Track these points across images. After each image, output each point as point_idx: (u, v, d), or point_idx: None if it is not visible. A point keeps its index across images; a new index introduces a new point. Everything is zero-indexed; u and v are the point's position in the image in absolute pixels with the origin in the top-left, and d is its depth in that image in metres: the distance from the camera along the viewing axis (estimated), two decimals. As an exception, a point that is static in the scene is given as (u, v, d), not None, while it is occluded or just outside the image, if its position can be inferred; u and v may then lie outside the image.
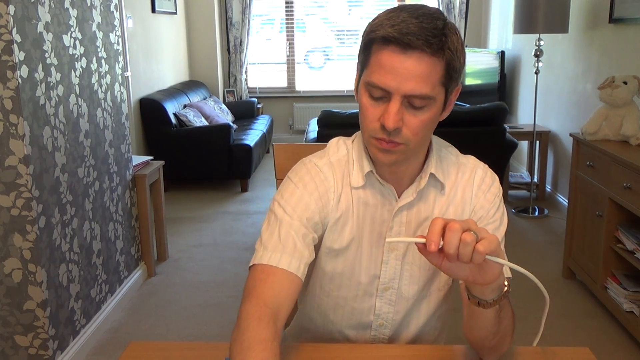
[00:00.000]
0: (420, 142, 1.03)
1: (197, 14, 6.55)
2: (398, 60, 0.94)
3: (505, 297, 0.97)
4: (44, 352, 2.26)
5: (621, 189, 2.61)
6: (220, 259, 3.65)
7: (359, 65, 1.04)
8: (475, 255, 0.83)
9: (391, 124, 0.96)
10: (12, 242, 2.15)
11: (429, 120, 1.00)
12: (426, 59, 0.94)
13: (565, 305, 2.97)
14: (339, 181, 1.13)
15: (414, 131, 0.99)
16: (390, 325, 1.20)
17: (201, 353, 1.15)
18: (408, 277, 1.16)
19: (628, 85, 2.90)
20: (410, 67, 0.94)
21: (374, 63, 0.97)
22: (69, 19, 2.46)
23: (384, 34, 0.95)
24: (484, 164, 1.20)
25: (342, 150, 1.17)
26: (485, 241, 0.84)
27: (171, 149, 4.96)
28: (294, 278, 1.03)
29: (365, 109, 1.01)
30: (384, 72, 0.96)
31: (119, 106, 3.01)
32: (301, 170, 1.15)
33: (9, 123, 2.06)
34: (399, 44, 0.94)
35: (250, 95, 7.02)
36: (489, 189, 1.16)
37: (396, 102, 0.96)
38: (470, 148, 4.69)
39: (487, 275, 0.89)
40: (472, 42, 6.64)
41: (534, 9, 4.00)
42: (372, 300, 1.18)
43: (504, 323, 1.02)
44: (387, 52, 0.96)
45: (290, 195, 1.11)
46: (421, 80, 0.95)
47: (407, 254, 1.15)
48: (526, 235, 3.99)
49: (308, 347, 1.17)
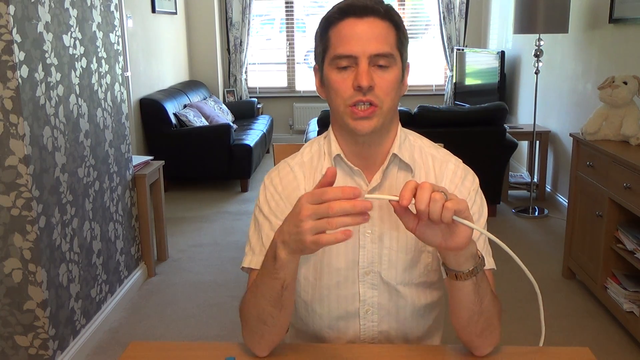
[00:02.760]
0: (391, 105, 1.09)
1: (197, 14, 6.55)
2: (357, 27, 1.06)
3: (480, 268, 1.00)
4: (44, 352, 2.26)
5: (621, 189, 2.61)
6: (220, 259, 3.65)
7: (320, 56, 1.12)
8: (444, 212, 0.88)
9: (364, 81, 1.04)
10: (12, 242, 2.16)
11: (394, 79, 1.08)
12: (379, 22, 1.07)
13: (565, 305, 2.98)
14: (309, 178, 1.19)
15: (385, 90, 1.07)
16: (377, 311, 1.20)
17: (201, 353, 1.15)
18: (387, 262, 1.17)
19: (628, 85, 2.90)
20: (368, 29, 1.05)
21: (335, 38, 1.07)
22: (69, 19, 2.46)
23: (339, 7, 1.08)
24: (456, 158, 1.22)
25: (315, 147, 1.23)
26: (454, 200, 0.89)
27: (171, 149, 4.96)
28: None
29: (336, 84, 1.08)
30: (347, 40, 1.06)
31: (119, 106, 3.02)
32: (273, 172, 1.22)
33: (9, 123, 2.06)
34: (354, 11, 1.06)
35: (250, 95, 7.02)
36: (462, 183, 1.17)
37: (364, 63, 1.05)
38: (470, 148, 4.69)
39: (457, 238, 0.93)
40: (472, 42, 6.64)
41: (534, 9, 4.00)
42: (356, 287, 1.19)
43: (485, 302, 1.04)
44: (344, 23, 1.07)
45: (264, 198, 1.19)
46: (381, 40, 1.06)
47: (384, 238, 1.16)
48: (526, 235, 3.99)
49: (307, 347, 1.17)
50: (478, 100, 5.46)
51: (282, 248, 0.96)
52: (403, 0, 6.82)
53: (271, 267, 1.00)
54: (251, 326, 1.09)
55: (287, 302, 1.05)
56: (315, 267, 1.19)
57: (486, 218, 1.17)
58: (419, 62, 6.95)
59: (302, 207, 0.89)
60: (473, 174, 1.21)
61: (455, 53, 6.30)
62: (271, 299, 1.03)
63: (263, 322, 1.06)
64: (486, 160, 4.06)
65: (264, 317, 1.06)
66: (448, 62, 6.63)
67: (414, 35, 6.98)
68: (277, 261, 0.98)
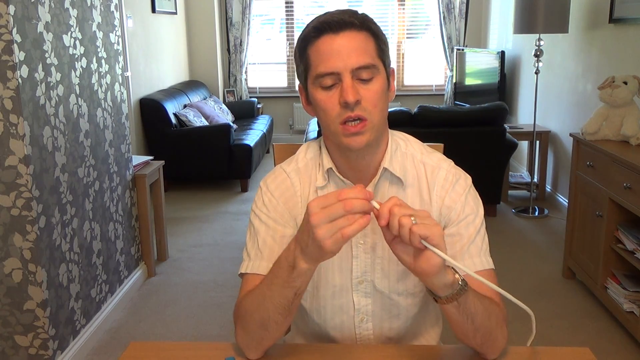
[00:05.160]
0: (380, 117, 1.08)
1: (197, 14, 6.55)
2: (334, 43, 1.04)
3: (460, 294, 0.98)
4: (44, 352, 2.26)
5: (621, 189, 2.61)
6: (220, 259, 3.65)
7: (302, 76, 1.11)
8: (411, 236, 0.89)
9: (351, 96, 1.02)
10: (12, 242, 2.15)
11: (380, 90, 1.06)
12: (356, 34, 1.05)
13: (565, 305, 2.98)
14: (305, 185, 1.19)
15: (372, 102, 1.05)
16: (371, 319, 1.20)
17: (201, 353, 1.15)
18: (380, 271, 1.18)
19: (628, 85, 2.90)
20: (346, 43, 1.04)
21: (315, 57, 1.06)
22: (69, 19, 2.46)
23: (314, 26, 1.06)
24: (448, 163, 1.21)
25: (310, 153, 1.22)
26: (422, 225, 0.89)
27: (171, 149, 4.96)
28: None
29: (323, 103, 1.07)
30: (326, 58, 1.04)
31: (119, 106, 3.02)
32: (269, 178, 1.22)
33: (9, 123, 2.06)
34: (330, 27, 1.05)
35: (250, 95, 7.02)
36: (452, 188, 1.17)
37: (348, 78, 1.03)
38: (470, 148, 4.66)
39: (424, 264, 0.93)
40: (472, 42, 6.64)
41: (534, 9, 4.00)
42: (349, 295, 1.19)
43: (477, 320, 1.03)
44: (322, 41, 1.05)
45: (262, 203, 1.19)
46: (361, 52, 1.04)
47: (377, 248, 1.17)
48: (526, 235, 3.99)
49: (307, 348, 1.17)
50: (478, 100, 5.46)
51: (301, 258, 0.96)
52: (403, 1, 6.82)
53: (286, 277, 0.99)
54: (250, 331, 1.08)
55: (294, 309, 1.05)
56: (313, 278, 1.19)
57: (482, 217, 1.17)
58: (419, 62, 6.95)
59: (311, 214, 0.89)
60: (465, 176, 1.20)
61: (455, 53, 6.30)
62: (280, 306, 1.03)
63: (265, 328, 1.06)
64: (486, 160, 4.06)
65: (267, 323, 1.05)
66: (448, 62, 6.63)
67: (414, 35, 6.98)
68: (295, 270, 0.97)
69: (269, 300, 1.03)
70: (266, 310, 1.04)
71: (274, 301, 1.02)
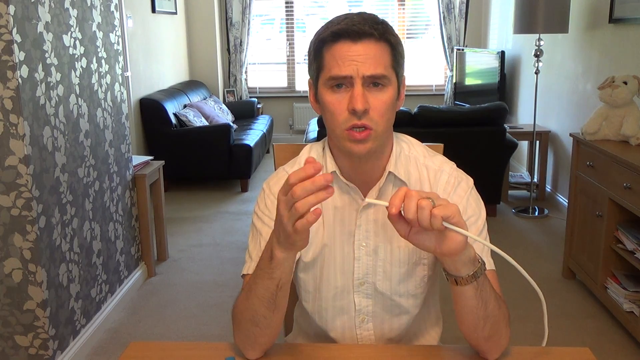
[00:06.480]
0: (386, 127, 1.08)
1: (197, 14, 6.55)
2: (351, 50, 1.04)
3: (480, 272, 0.99)
4: (44, 352, 2.26)
5: (621, 189, 2.61)
6: (220, 259, 3.65)
7: (314, 74, 1.11)
8: (432, 219, 0.88)
9: (360, 104, 1.03)
10: (12, 242, 2.15)
11: (389, 100, 1.07)
12: (374, 44, 1.05)
13: (565, 305, 2.97)
14: None
15: (380, 112, 1.06)
16: (372, 320, 1.21)
17: (201, 353, 1.15)
18: (382, 273, 1.18)
19: (628, 85, 2.90)
20: (362, 52, 1.04)
21: (330, 60, 1.06)
22: (69, 19, 2.46)
23: (333, 31, 1.05)
24: (450, 166, 1.21)
25: (313, 155, 1.22)
26: (442, 207, 0.89)
27: (171, 149, 4.96)
28: None
29: (331, 105, 1.07)
30: (341, 62, 1.04)
31: (119, 106, 3.02)
32: (272, 180, 1.22)
33: (9, 123, 2.06)
34: (349, 35, 1.04)
35: (250, 95, 7.02)
36: (454, 191, 1.17)
37: (359, 85, 1.04)
38: (470, 148, 4.65)
39: (450, 243, 0.93)
40: (472, 42, 6.64)
41: (534, 9, 4.00)
42: (350, 296, 1.20)
43: (489, 306, 1.03)
44: (339, 46, 1.05)
45: (264, 205, 1.19)
46: (375, 62, 1.04)
47: (379, 250, 1.17)
48: (526, 235, 3.99)
49: (307, 347, 1.17)
50: (478, 100, 5.46)
51: (277, 247, 0.97)
52: (403, 1, 6.82)
53: (267, 267, 1.00)
54: (243, 329, 1.09)
55: (281, 303, 1.05)
56: (315, 279, 1.21)
57: (484, 219, 1.17)
58: (419, 62, 6.95)
59: (278, 201, 0.90)
60: (467, 178, 1.20)
61: (455, 53, 6.30)
62: (265, 300, 1.03)
63: (255, 324, 1.06)
64: (486, 160, 4.06)
65: (256, 319, 1.06)
66: (448, 62, 6.63)
67: (414, 35, 6.98)
68: (273, 260, 0.98)
69: (254, 294, 1.04)
70: (253, 304, 1.05)
71: (258, 294, 1.04)
